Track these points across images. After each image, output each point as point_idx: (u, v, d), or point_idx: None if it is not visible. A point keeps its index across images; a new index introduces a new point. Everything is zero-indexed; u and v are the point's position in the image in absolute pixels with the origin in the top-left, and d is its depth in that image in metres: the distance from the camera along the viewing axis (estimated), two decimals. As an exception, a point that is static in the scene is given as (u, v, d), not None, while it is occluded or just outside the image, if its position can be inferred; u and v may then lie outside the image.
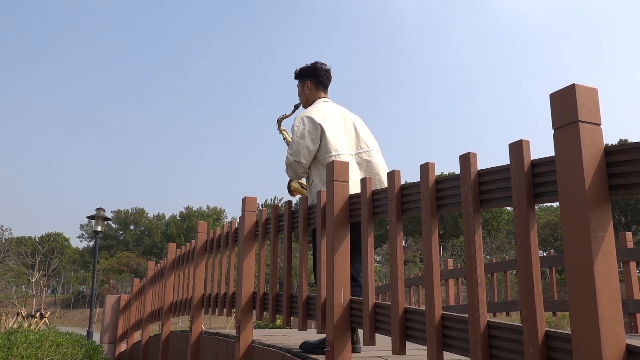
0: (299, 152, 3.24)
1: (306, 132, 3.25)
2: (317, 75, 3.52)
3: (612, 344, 1.42)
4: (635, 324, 5.24)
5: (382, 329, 2.42)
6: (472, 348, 1.86)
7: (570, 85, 1.56)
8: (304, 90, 3.56)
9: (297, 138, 3.26)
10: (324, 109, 3.38)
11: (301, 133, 3.26)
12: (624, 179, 1.53)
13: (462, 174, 2.01)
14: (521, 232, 1.73)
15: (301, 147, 3.24)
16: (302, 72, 3.57)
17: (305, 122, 3.28)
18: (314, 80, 3.53)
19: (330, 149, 3.24)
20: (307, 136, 3.24)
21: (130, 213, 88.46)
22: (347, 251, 2.73)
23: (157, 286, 7.32)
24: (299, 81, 3.61)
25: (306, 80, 3.55)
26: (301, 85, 3.59)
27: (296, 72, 3.60)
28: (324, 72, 3.53)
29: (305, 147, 3.24)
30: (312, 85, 3.53)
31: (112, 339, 10.50)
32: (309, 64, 3.54)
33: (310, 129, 3.26)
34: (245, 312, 3.77)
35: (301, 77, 3.58)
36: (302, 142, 3.24)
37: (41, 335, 6.15)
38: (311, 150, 3.25)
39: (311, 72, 3.53)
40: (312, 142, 3.24)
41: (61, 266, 67.72)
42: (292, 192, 3.68)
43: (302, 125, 3.28)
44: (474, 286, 1.89)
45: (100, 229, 15.01)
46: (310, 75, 3.54)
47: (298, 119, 3.33)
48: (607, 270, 1.47)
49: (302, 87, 3.58)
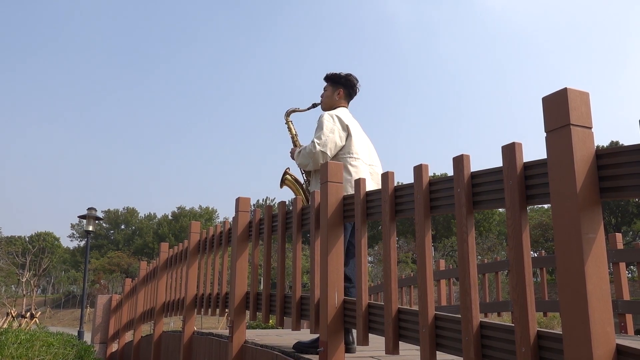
0: (326, 144, 3.34)
1: (336, 129, 3.39)
2: (350, 88, 3.68)
3: (602, 344, 1.45)
4: (624, 324, 5.30)
5: (375, 329, 2.44)
6: (465, 348, 1.88)
7: (563, 89, 1.58)
8: (334, 96, 3.67)
9: (327, 131, 3.37)
10: (349, 117, 3.55)
11: (331, 128, 3.38)
12: (615, 181, 1.55)
13: (455, 175, 2.03)
14: (513, 233, 1.75)
15: (330, 140, 3.35)
16: (339, 78, 3.68)
17: (336, 120, 3.42)
18: (346, 90, 3.68)
19: (353, 151, 3.39)
20: (336, 132, 3.38)
21: (121, 213, 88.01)
22: (340, 251, 2.75)
23: (149, 286, 7.31)
24: (330, 85, 3.70)
25: (340, 88, 3.67)
26: (332, 89, 3.68)
27: (331, 76, 3.70)
28: (356, 87, 3.71)
29: (334, 141, 3.36)
30: (343, 94, 3.67)
31: (104, 339, 10.45)
32: (345, 73, 3.67)
33: (340, 126, 3.41)
34: (238, 312, 3.78)
35: (335, 83, 3.69)
36: (332, 136, 3.36)
37: (32, 336, 6.11)
38: (338, 146, 3.39)
39: (348, 83, 3.67)
40: (339, 139, 3.39)
41: (51, 266, 67.23)
42: (283, 183, 3.74)
43: (333, 121, 3.42)
44: (466, 287, 1.91)
45: (92, 228, 14.93)
46: (345, 85, 3.68)
47: (328, 115, 3.46)
48: (598, 271, 1.49)
49: (333, 92, 3.68)
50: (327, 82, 3.72)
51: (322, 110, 3.69)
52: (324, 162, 2.89)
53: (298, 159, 3.53)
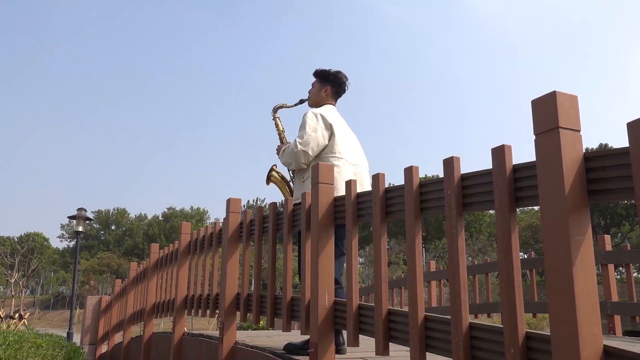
0: (308, 143, 3.30)
1: (319, 127, 3.34)
2: (338, 86, 3.63)
3: (590, 345, 1.46)
4: (613, 325, 5.34)
5: (366, 330, 2.44)
6: (455, 349, 1.89)
7: (552, 92, 1.59)
8: (321, 93, 3.62)
9: (309, 130, 3.33)
10: (335, 115, 3.50)
11: (314, 127, 3.34)
12: (603, 184, 1.57)
13: (445, 177, 2.04)
14: (503, 235, 1.77)
15: (312, 139, 3.31)
16: (327, 75, 3.63)
17: (319, 118, 3.38)
18: (334, 88, 3.63)
19: (335, 151, 3.34)
20: (319, 131, 3.34)
21: (112, 213, 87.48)
22: (331, 253, 2.75)
23: (139, 287, 7.27)
24: (319, 81, 3.65)
25: (327, 85, 3.62)
26: (320, 86, 3.64)
27: (319, 72, 3.65)
28: (345, 86, 3.65)
29: (316, 140, 3.32)
30: (330, 92, 3.62)
31: (93, 340, 10.39)
32: (335, 71, 3.61)
33: (323, 125, 3.36)
34: (229, 313, 3.77)
35: (323, 80, 3.64)
36: (314, 135, 3.32)
37: (20, 337, 6.06)
38: (320, 145, 3.34)
39: (335, 80, 3.62)
40: (322, 138, 3.34)
41: (41, 266, 66.67)
42: (269, 180, 3.74)
43: (316, 120, 3.37)
44: (456, 288, 1.92)
45: (82, 229, 14.82)
46: (333, 82, 3.62)
47: (311, 114, 3.41)
48: (586, 273, 1.51)
49: (320, 89, 3.63)
50: (315, 77, 3.67)
51: (309, 106, 3.66)
52: (315, 163, 2.89)
53: (282, 157, 3.50)
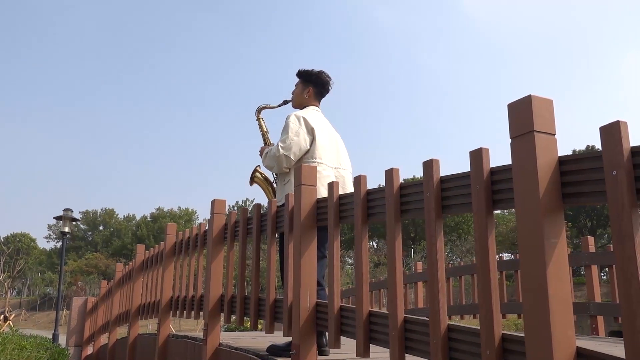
0: (290, 148, 3.29)
1: (301, 132, 3.33)
2: (321, 86, 3.60)
3: (563, 347, 1.48)
4: (596, 326, 5.39)
5: (347, 331, 2.45)
6: (433, 350, 1.91)
7: (527, 96, 1.61)
8: (303, 94, 3.60)
9: (292, 134, 3.31)
10: (317, 118, 3.47)
11: (296, 131, 3.33)
12: (577, 187, 1.59)
13: (425, 180, 2.06)
14: (480, 237, 1.78)
15: (294, 144, 3.30)
16: (309, 76, 3.60)
17: (302, 122, 3.36)
18: (317, 89, 3.60)
19: (316, 156, 3.33)
20: (301, 135, 3.32)
21: (100, 214, 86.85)
22: (314, 255, 2.75)
23: (125, 288, 7.23)
24: (301, 82, 3.63)
25: (310, 86, 3.59)
26: (302, 87, 3.62)
27: (302, 73, 3.62)
28: (328, 86, 3.61)
29: (299, 145, 3.30)
30: (313, 93, 3.59)
31: (79, 342, 10.30)
32: (317, 71, 3.58)
33: (305, 129, 3.34)
34: (213, 314, 3.76)
35: (306, 80, 3.61)
36: (297, 140, 3.31)
37: (4, 339, 6.01)
38: (302, 150, 3.32)
39: (318, 81, 3.59)
40: (304, 142, 3.33)
41: (27, 267, 66.11)
42: (252, 181, 3.74)
43: (299, 123, 3.35)
44: (435, 290, 1.93)
45: (68, 229, 14.70)
46: (315, 83, 3.59)
47: (294, 117, 3.39)
48: (560, 275, 1.53)
49: (302, 90, 3.61)
50: (298, 78, 3.65)
51: (293, 107, 3.65)
52: (296, 166, 2.89)
53: (265, 160, 3.50)
